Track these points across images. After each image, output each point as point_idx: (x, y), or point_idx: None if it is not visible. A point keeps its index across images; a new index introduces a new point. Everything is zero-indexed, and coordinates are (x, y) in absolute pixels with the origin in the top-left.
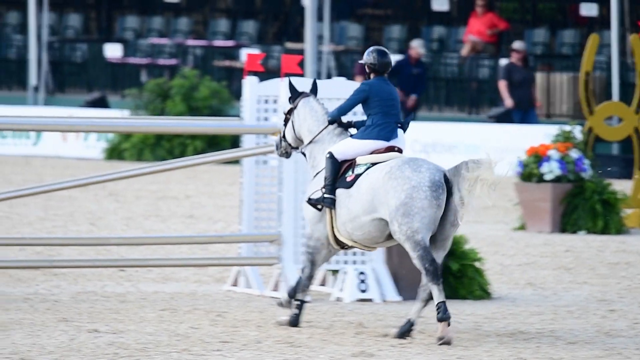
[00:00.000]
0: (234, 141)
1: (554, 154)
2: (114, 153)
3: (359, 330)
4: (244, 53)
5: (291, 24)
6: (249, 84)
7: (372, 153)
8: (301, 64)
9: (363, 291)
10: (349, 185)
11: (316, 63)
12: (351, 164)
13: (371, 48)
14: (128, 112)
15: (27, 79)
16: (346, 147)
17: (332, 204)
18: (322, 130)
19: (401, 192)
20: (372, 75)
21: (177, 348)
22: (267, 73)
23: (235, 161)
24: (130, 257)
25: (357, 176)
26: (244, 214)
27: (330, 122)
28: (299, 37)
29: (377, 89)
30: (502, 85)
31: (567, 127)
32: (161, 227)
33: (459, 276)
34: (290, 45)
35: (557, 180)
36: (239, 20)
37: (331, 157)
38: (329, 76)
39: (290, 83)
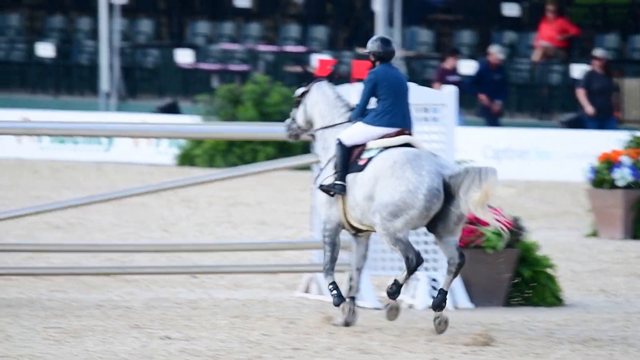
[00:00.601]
0: (305, 147)
1: (625, 160)
2: (186, 159)
3: (431, 337)
4: (315, 58)
5: (362, 30)
6: None
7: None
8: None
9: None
10: (361, 168)
11: None
12: (363, 148)
13: (374, 37)
14: (199, 118)
15: (99, 84)
16: (356, 132)
17: (342, 190)
18: (335, 117)
19: (396, 192)
20: (377, 64)
21: (249, 355)
22: (338, 78)
23: (307, 167)
24: (203, 263)
25: (369, 159)
26: (315, 221)
27: (352, 121)
28: None
29: (383, 74)
30: (581, 93)
31: (639, 133)
32: (233, 233)
33: (532, 283)
34: (361, 50)
35: (629, 186)
36: (310, 26)
37: (340, 143)
38: None
39: (304, 67)
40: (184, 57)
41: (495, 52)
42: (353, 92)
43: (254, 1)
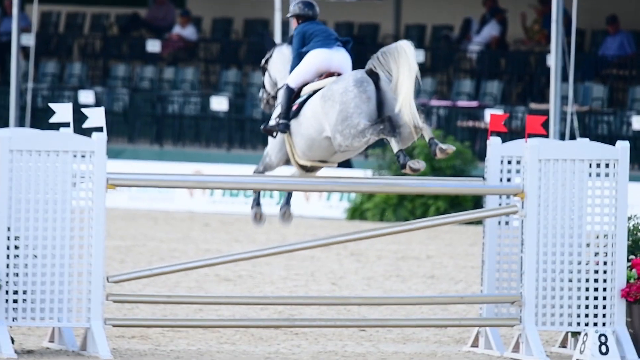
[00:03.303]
0: (476, 201)
1: None
2: (356, 213)
3: None
4: (488, 113)
5: (535, 85)
6: (493, 144)
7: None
8: (545, 125)
9: (604, 353)
10: (296, 114)
11: (560, 124)
12: (296, 95)
13: (296, 0)
14: (371, 172)
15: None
16: (297, 70)
17: (286, 128)
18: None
19: (335, 104)
20: (301, 22)
21: None
22: (511, 133)
23: (478, 222)
24: (371, 316)
25: (301, 105)
26: (485, 275)
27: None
28: (543, 97)
29: (309, 26)
30: None
31: None
32: (402, 287)
33: None
34: (534, 105)
35: None
36: (483, 81)
37: (285, 86)
38: (572, 137)
39: (267, 37)
40: None
41: None
42: (526, 148)
43: (428, 56)
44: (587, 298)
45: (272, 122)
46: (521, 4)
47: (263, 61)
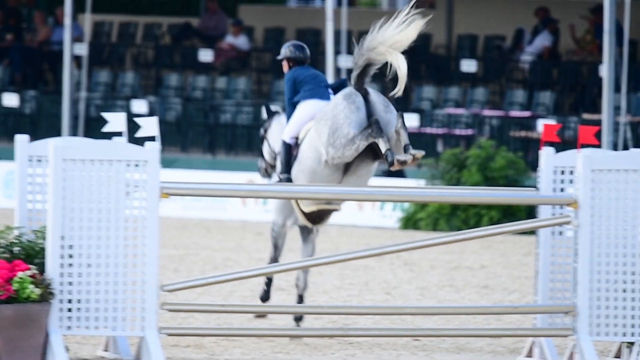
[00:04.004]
0: (529, 211)
1: None
2: (409, 222)
3: None
4: (541, 124)
5: (588, 95)
6: (545, 154)
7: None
8: (598, 135)
9: None
10: (295, 157)
11: (613, 134)
12: (294, 148)
13: (287, 43)
14: (424, 181)
15: None
16: (291, 122)
17: (288, 181)
18: None
19: (327, 121)
20: (292, 66)
21: None
22: (564, 144)
23: (531, 232)
24: (425, 326)
25: (298, 145)
26: (539, 285)
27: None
28: (595, 108)
29: (299, 72)
30: None
31: None
32: (455, 297)
33: None
34: (586, 116)
35: None
36: (536, 91)
37: (282, 142)
38: (625, 147)
39: (266, 106)
40: (409, 121)
41: None
42: (579, 158)
43: (480, 66)
44: None
45: (274, 180)
46: (573, 14)
47: (262, 130)
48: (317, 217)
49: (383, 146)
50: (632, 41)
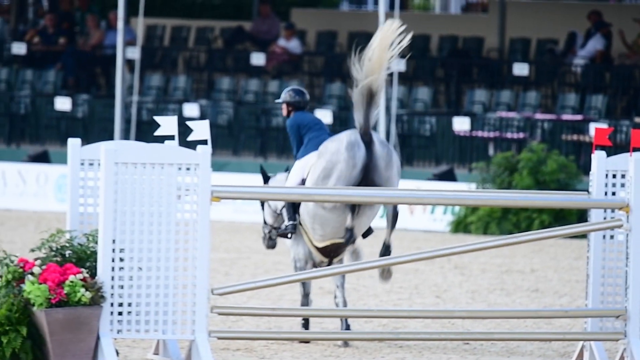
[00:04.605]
0: (580, 215)
1: None
2: (460, 226)
3: None
4: (592, 127)
5: None
6: (597, 158)
7: None
8: None
9: None
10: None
11: None
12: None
13: (287, 88)
14: (475, 185)
15: None
16: (293, 172)
17: (294, 228)
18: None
19: (324, 161)
20: (292, 112)
21: None
22: (615, 147)
23: (582, 235)
24: (475, 330)
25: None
26: (590, 289)
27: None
28: None
29: (301, 118)
30: None
31: None
32: (506, 300)
33: None
34: (639, 119)
35: None
36: (588, 95)
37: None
38: None
39: (261, 169)
40: (461, 124)
41: None
42: (631, 162)
43: (532, 70)
44: None
45: (282, 228)
46: (626, 18)
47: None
48: (332, 252)
49: (346, 253)
50: None
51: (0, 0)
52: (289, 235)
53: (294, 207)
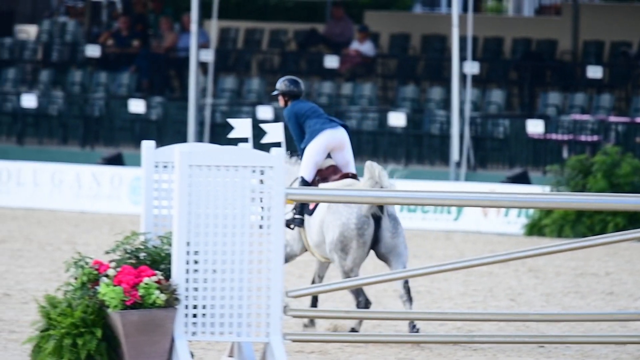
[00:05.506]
0: None
1: None
2: (534, 229)
3: None
4: None
5: None
6: None
7: (327, 176)
8: None
9: None
10: (311, 212)
11: None
12: (314, 182)
13: (282, 78)
14: (549, 188)
15: (450, 154)
16: (305, 161)
17: (301, 223)
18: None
19: (335, 227)
20: (289, 102)
21: None
22: None
23: None
24: (550, 333)
25: (315, 206)
26: None
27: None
28: None
29: (298, 106)
30: None
31: None
32: (580, 303)
33: None
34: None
35: None
36: None
37: (301, 179)
38: None
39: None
40: (534, 127)
41: None
42: None
43: (606, 72)
44: None
45: (288, 216)
46: None
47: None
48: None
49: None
50: None
51: (75, 3)
52: (293, 227)
53: (302, 203)
